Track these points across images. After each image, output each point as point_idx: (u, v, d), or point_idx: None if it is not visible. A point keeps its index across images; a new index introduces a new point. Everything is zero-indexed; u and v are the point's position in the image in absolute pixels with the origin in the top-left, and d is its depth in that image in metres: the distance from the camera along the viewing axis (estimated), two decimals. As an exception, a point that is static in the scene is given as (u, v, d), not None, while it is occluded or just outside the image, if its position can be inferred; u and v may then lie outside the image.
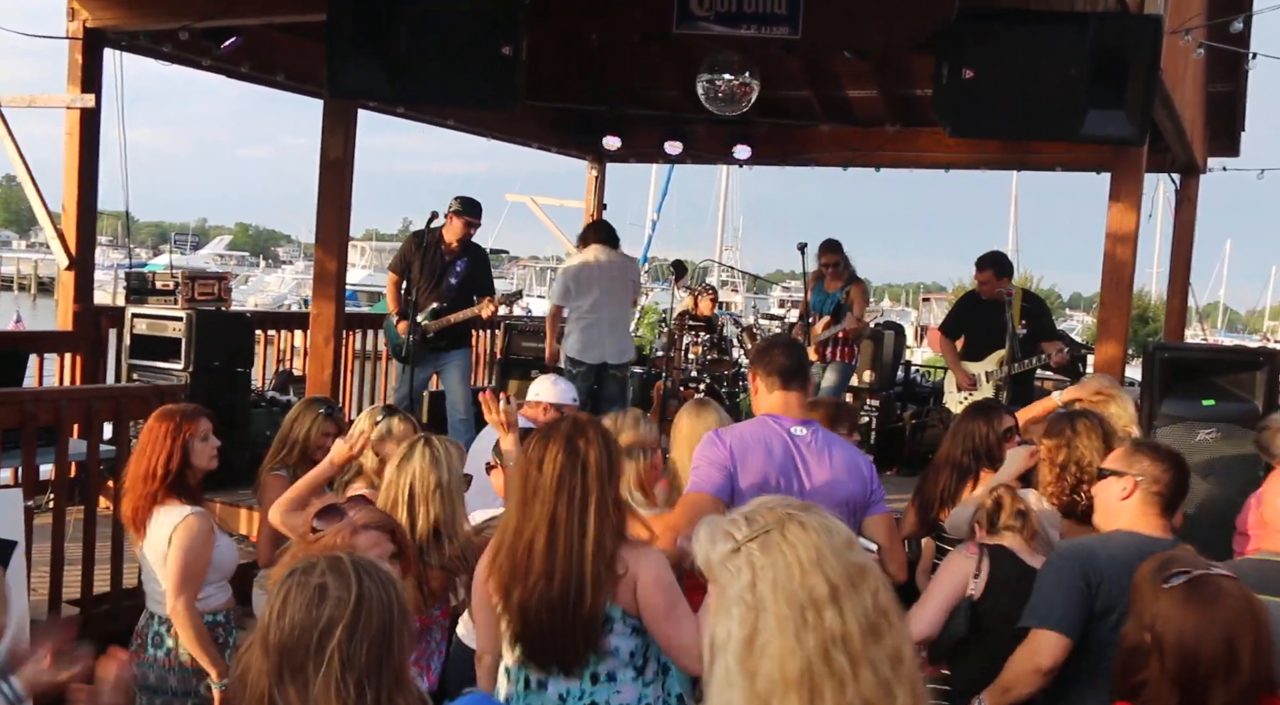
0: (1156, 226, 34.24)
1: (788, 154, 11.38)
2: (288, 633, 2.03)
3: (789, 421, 3.84)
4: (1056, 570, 3.23)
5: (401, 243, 8.41)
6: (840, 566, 1.73)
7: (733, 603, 1.74)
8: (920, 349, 28.17)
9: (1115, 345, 6.26)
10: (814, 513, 1.82)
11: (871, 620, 1.72)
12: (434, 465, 3.72)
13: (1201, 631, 2.42)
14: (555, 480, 2.89)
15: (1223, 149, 10.82)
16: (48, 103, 7.83)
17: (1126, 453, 3.37)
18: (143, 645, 4.05)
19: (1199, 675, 2.42)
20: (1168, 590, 2.49)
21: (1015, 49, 5.69)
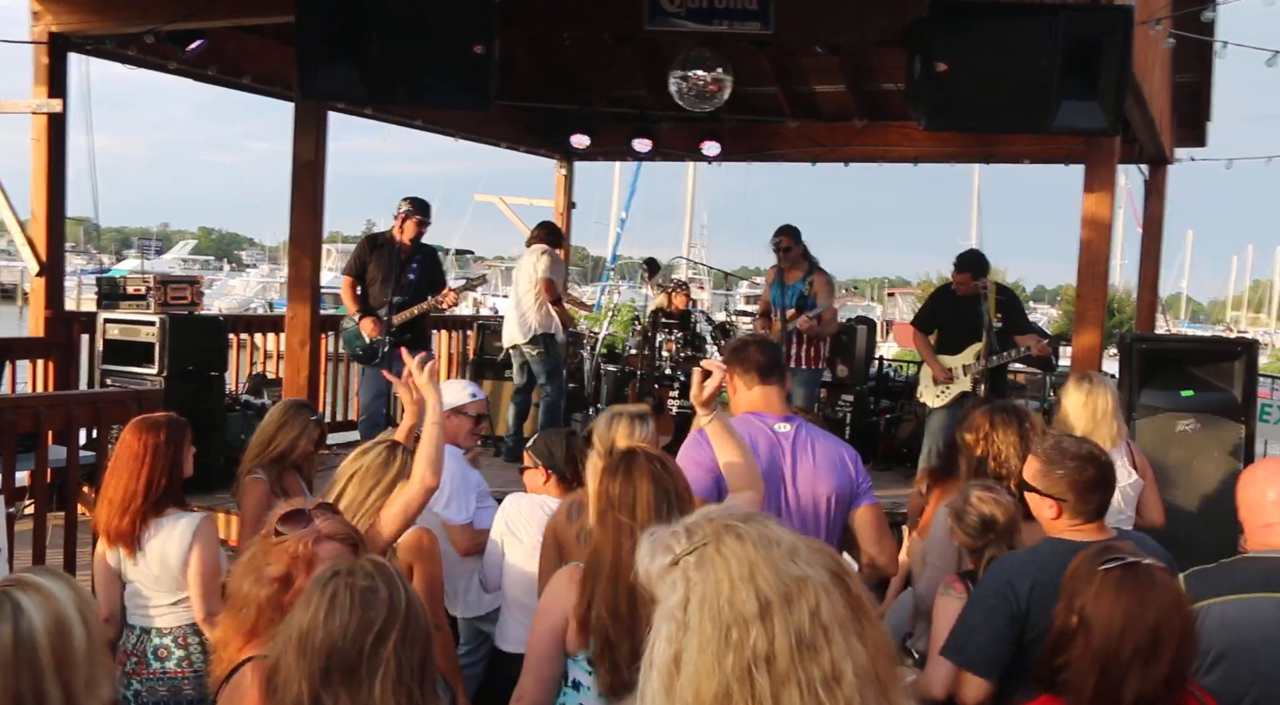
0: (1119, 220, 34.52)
1: (756, 150, 11.44)
2: (338, 635, 2.00)
3: (771, 418, 3.82)
4: (982, 607, 3.16)
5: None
6: (775, 580, 1.63)
7: (664, 620, 1.67)
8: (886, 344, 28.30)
9: (1093, 336, 6.32)
10: (755, 522, 1.73)
11: (806, 637, 1.61)
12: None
13: (1130, 616, 2.42)
14: (653, 520, 2.73)
15: (1190, 139, 10.95)
16: (14, 108, 7.75)
17: (1045, 469, 3.25)
18: (142, 662, 3.95)
19: (1121, 660, 2.41)
20: (1103, 573, 2.49)
21: (988, 41, 5.73)
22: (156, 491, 3.93)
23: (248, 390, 8.93)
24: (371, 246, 8.02)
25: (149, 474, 3.92)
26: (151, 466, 3.93)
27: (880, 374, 10.92)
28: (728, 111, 9.74)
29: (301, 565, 2.57)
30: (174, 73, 8.23)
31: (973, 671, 3.09)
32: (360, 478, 3.58)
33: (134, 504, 3.90)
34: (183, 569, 3.90)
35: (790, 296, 8.38)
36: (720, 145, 10.96)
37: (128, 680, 3.96)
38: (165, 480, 3.95)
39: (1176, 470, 6.22)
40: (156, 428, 4.01)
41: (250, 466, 4.72)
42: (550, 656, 3.00)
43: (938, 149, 10.56)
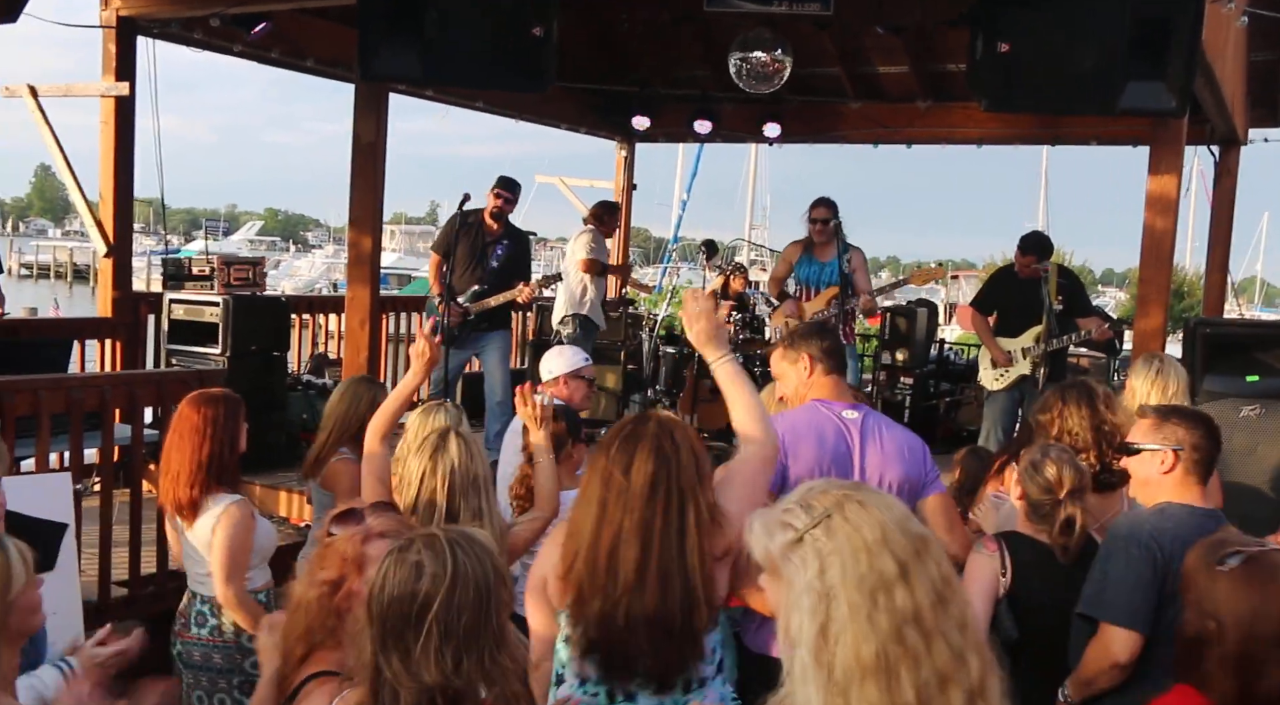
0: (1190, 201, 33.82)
1: (818, 132, 11.32)
2: (388, 606, 2.16)
3: (839, 406, 3.79)
4: (1124, 558, 3.14)
5: (434, 225, 8.51)
6: (905, 540, 1.71)
7: (802, 593, 1.71)
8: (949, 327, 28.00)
9: (1155, 319, 6.20)
10: (865, 490, 1.80)
11: (939, 590, 1.70)
12: (470, 458, 3.55)
13: (1258, 612, 2.37)
14: (647, 488, 2.69)
15: (1264, 119, 10.64)
16: (84, 92, 7.90)
17: (1156, 423, 3.30)
18: (186, 624, 4.13)
19: (1258, 656, 2.37)
20: (1226, 573, 2.43)
21: (1051, 21, 5.63)
22: (217, 464, 4.04)
23: (309, 370, 9.07)
24: (461, 224, 7.98)
25: (210, 446, 4.02)
26: (211, 439, 4.03)
27: (941, 357, 10.82)
28: (789, 92, 9.66)
29: (352, 566, 2.60)
30: (238, 56, 8.33)
31: (1120, 625, 3.07)
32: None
33: (197, 476, 4.01)
34: (209, 548, 4.00)
35: (828, 273, 8.07)
36: (781, 127, 10.87)
37: (175, 640, 4.14)
38: (224, 453, 4.06)
39: (1240, 456, 6.08)
40: (214, 402, 4.10)
41: (331, 447, 4.79)
42: (541, 612, 2.97)
43: (1002, 130, 10.39)
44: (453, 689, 2.14)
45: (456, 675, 2.14)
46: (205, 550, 4.04)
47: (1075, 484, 3.53)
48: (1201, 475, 3.24)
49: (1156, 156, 6.26)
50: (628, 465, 2.73)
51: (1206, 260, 11.04)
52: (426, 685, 2.13)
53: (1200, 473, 3.24)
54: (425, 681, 2.13)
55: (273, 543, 4.32)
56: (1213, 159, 10.35)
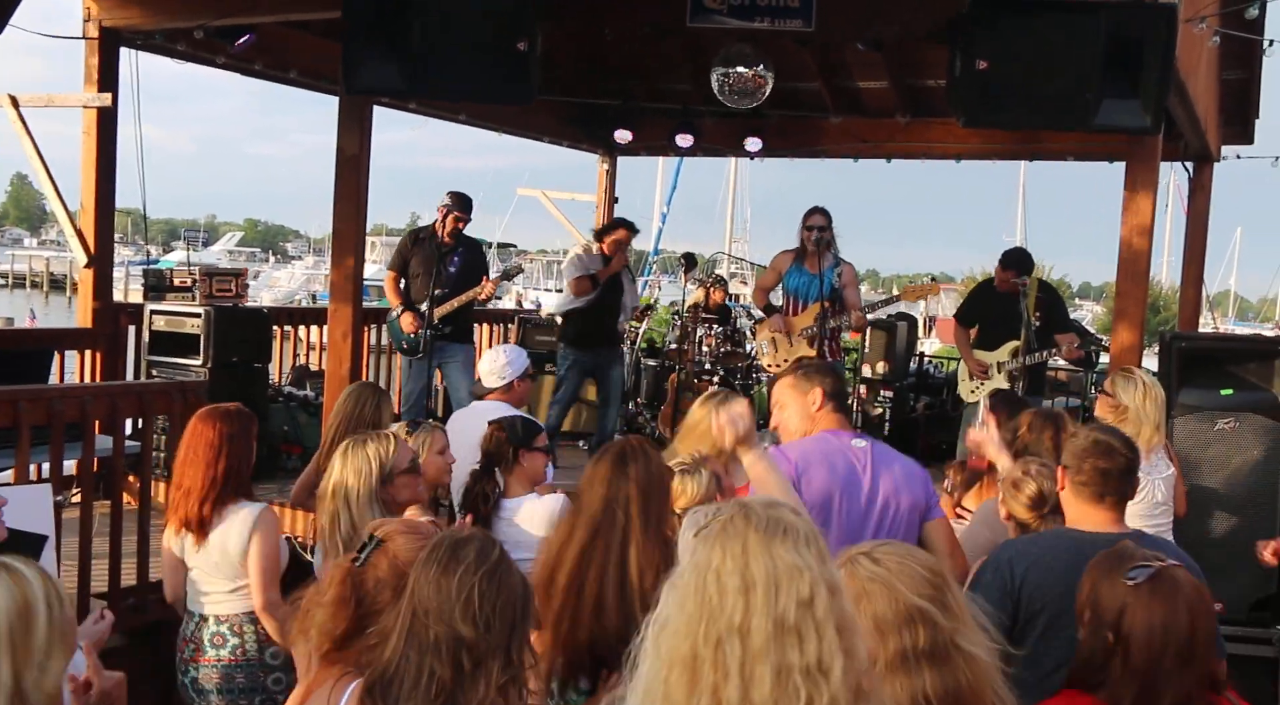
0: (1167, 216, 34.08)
1: (799, 146, 11.39)
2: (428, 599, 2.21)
3: (847, 436, 3.93)
4: (979, 581, 3.24)
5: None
6: (766, 562, 1.72)
7: (667, 582, 1.80)
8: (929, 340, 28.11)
9: (1132, 335, 6.25)
10: (776, 510, 1.81)
11: (790, 623, 1.68)
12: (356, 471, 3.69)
13: (1167, 625, 2.40)
14: (595, 518, 2.98)
15: (1236, 136, 10.77)
16: (65, 102, 7.88)
17: (1067, 440, 3.42)
18: (199, 649, 4.06)
19: (1163, 669, 2.40)
20: (1131, 587, 2.46)
21: (1029, 38, 5.68)
22: (234, 480, 4.03)
23: (290, 382, 9.06)
24: (413, 241, 8.19)
25: (226, 463, 4.00)
26: (228, 455, 4.02)
27: (920, 371, 10.89)
28: (770, 107, 9.72)
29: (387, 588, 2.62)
30: (222, 67, 8.32)
31: None
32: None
33: (211, 492, 3.98)
34: (242, 558, 3.98)
35: (816, 287, 7.79)
36: (762, 141, 10.93)
37: (185, 667, 4.06)
38: (240, 469, 4.06)
39: (1214, 468, 6.17)
40: (231, 418, 4.09)
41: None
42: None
43: (981, 145, 10.48)
44: (479, 647, 2.17)
45: (488, 634, 2.17)
46: (235, 560, 4.00)
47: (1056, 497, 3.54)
48: (1087, 498, 3.24)
49: (1132, 172, 6.31)
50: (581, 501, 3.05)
51: (1182, 274, 11.15)
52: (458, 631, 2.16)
53: (1085, 495, 3.24)
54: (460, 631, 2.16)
55: (287, 554, 4.32)
56: (1187, 175, 10.46)
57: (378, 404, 4.95)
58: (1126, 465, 3.27)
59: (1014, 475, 3.68)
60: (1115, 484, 3.24)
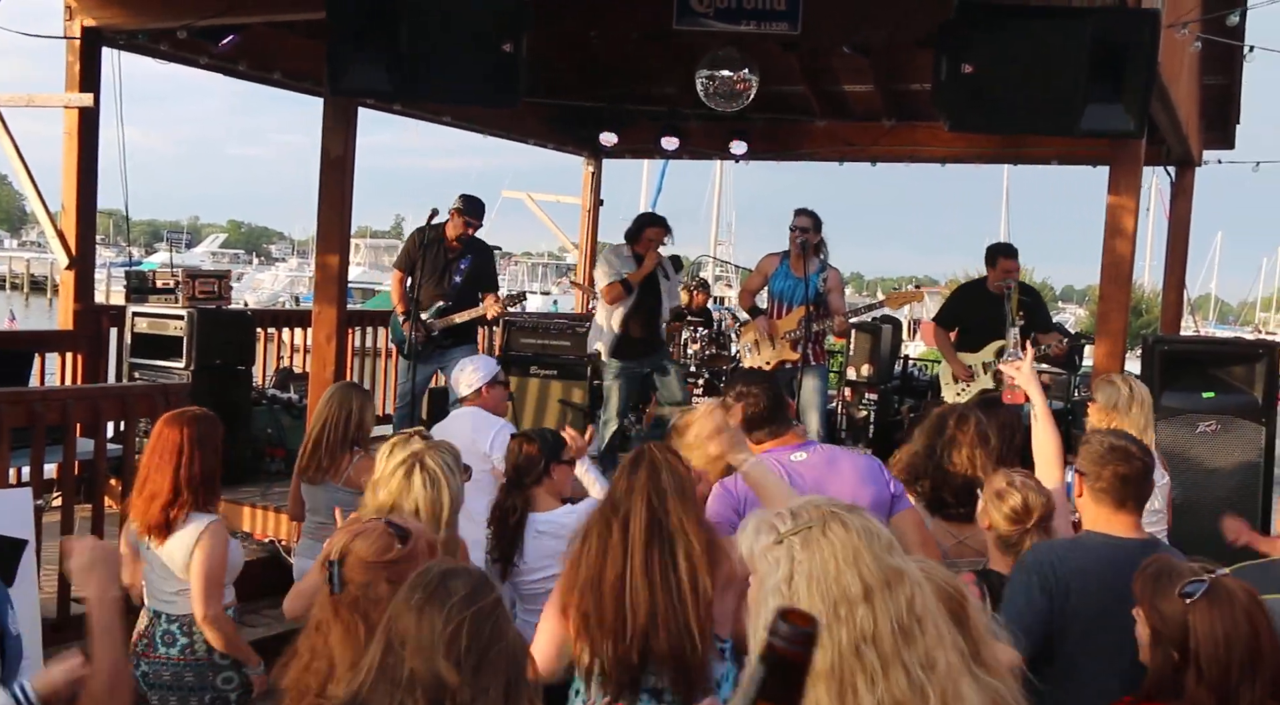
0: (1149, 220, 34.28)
1: (784, 149, 11.40)
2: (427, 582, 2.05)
3: (783, 451, 3.81)
4: (1018, 583, 3.23)
5: (400, 239, 8.47)
6: (876, 568, 1.76)
7: (769, 593, 1.78)
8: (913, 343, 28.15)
9: (1115, 339, 6.27)
10: (858, 514, 1.85)
11: (904, 623, 1.74)
12: (435, 488, 3.51)
13: (1230, 635, 2.45)
14: (644, 532, 2.93)
15: (1217, 141, 10.85)
16: (46, 102, 7.84)
17: (1082, 447, 3.38)
18: (150, 645, 4.07)
19: (1233, 678, 2.45)
20: (1190, 604, 2.51)
21: (1014, 43, 5.70)
22: (198, 484, 4.01)
23: (274, 384, 9.02)
24: (420, 242, 7.95)
25: (191, 467, 3.98)
26: (192, 460, 3.99)
27: (905, 373, 10.91)
28: (756, 110, 9.73)
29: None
30: (205, 68, 8.28)
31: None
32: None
33: (176, 497, 3.97)
34: (185, 567, 3.98)
35: (801, 291, 7.72)
36: (748, 144, 10.94)
37: (137, 660, 4.07)
38: (205, 474, 4.03)
39: (1196, 472, 6.20)
40: (196, 422, 4.07)
41: (330, 448, 4.89)
42: (552, 636, 3.15)
43: (965, 149, 10.51)
44: (463, 696, 1.95)
45: (475, 680, 1.95)
46: (179, 569, 4.00)
47: (1043, 512, 3.51)
48: (1109, 503, 3.25)
49: (1115, 176, 6.34)
50: (625, 509, 2.98)
51: (1164, 278, 11.21)
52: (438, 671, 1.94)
53: (1106, 501, 3.25)
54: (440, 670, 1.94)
55: (240, 561, 4.31)
56: (1169, 179, 10.53)
57: (360, 406, 4.98)
58: (1144, 469, 3.30)
59: (998, 485, 3.63)
60: (1135, 489, 3.27)
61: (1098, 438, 3.39)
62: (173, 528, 3.99)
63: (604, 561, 2.94)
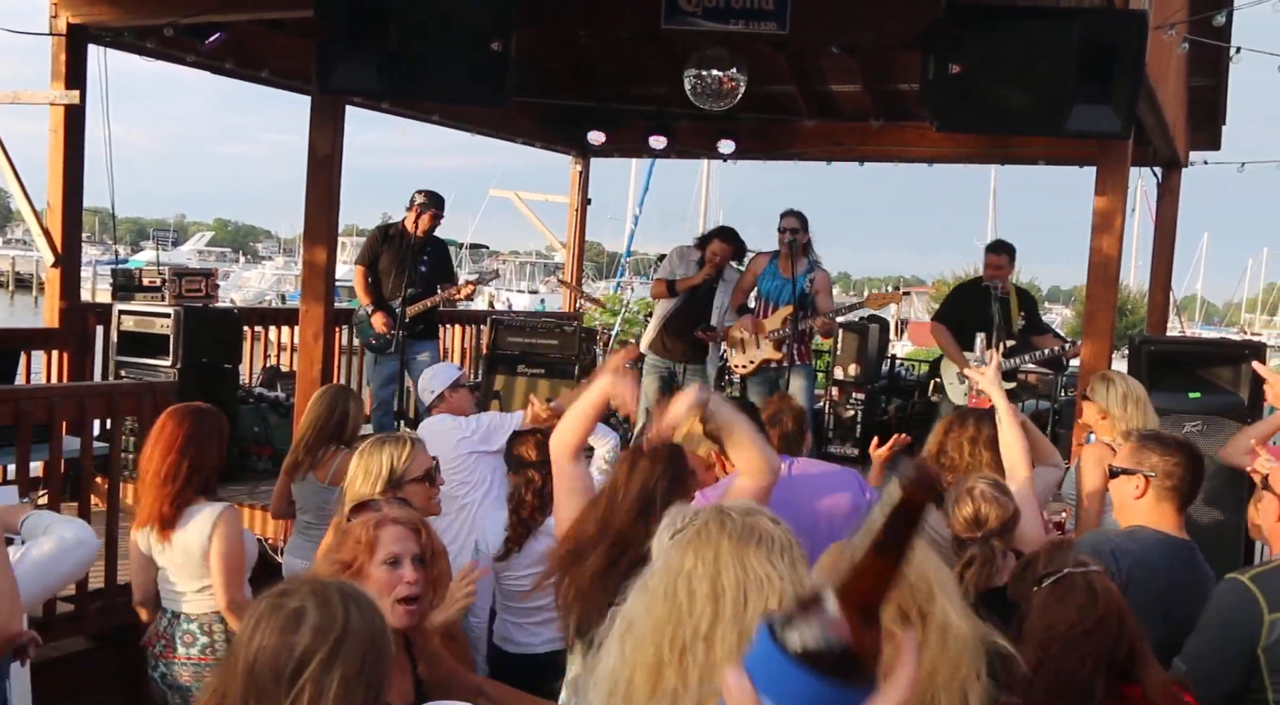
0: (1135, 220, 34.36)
1: (772, 148, 11.42)
2: (255, 658, 1.86)
3: None
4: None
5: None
6: (737, 571, 1.71)
7: (637, 582, 1.79)
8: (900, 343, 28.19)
9: (1102, 339, 6.30)
10: (752, 516, 1.80)
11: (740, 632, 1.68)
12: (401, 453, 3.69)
13: (1056, 625, 2.47)
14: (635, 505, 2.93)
15: (1204, 142, 10.90)
16: (31, 99, 7.80)
17: (1136, 447, 3.35)
18: (169, 646, 4.05)
19: (1065, 669, 2.46)
20: (1039, 589, 2.55)
21: (1002, 44, 5.72)
22: (199, 477, 4.01)
23: (261, 383, 8.99)
24: (383, 237, 8.22)
25: (192, 460, 3.98)
26: (195, 453, 3.99)
27: (892, 373, 10.94)
28: (744, 110, 9.75)
29: (364, 548, 2.65)
30: (192, 66, 8.26)
31: None
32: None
33: (177, 490, 3.96)
34: (204, 558, 3.96)
35: (788, 291, 7.75)
36: (736, 143, 10.95)
37: (156, 662, 4.06)
38: (206, 467, 4.04)
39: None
40: (199, 416, 4.07)
41: (314, 446, 4.96)
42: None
43: (953, 149, 10.53)
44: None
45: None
46: (196, 562, 3.98)
47: (997, 526, 3.42)
48: (1176, 503, 3.26)
49: (1102, 177, 6.37)
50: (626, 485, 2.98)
51: (1150, 278, 11.27)
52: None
53: (1175, 500, 3.26)
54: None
55: (255, 552, 4.31)
56: (1156, 180, 10.58)
57: (349, 407, 5.00)
58: (1202, 467, 3.33)
59: (959, 490, 3.63)
60: (1196, 491, 3.31)
61: (1159, 435, 3.40)
62: (174, 522, 3.98)
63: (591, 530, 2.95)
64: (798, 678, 0.90)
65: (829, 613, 0.92)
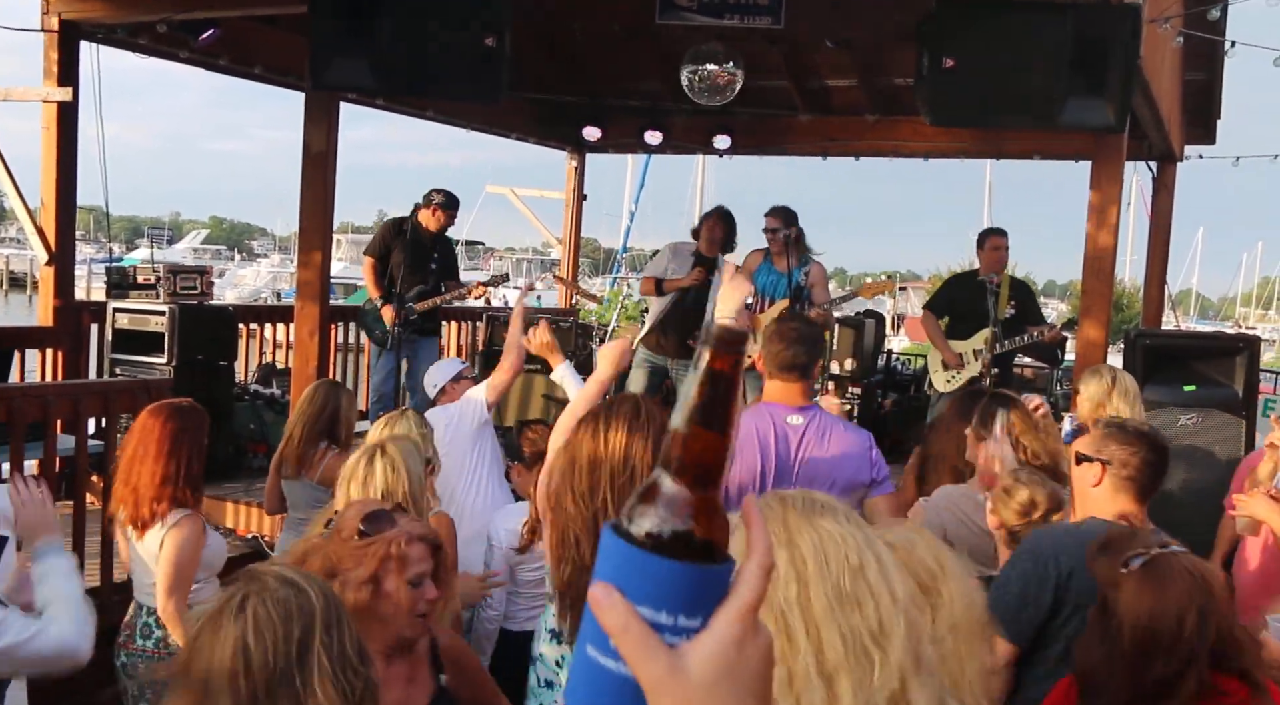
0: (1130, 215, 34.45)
1: (767, 143, 11.43)
2: (270, 653, 1.91)
3: (784, 410, 3.83)
4: (1018, 570, 3.19)
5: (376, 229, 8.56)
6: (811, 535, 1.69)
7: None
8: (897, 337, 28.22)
9: (1098, 331, 6.31)
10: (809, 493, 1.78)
11: (846, 590, 1.66)
12: (397, 474, 3.52)
13: (1155, 610, 2.45)
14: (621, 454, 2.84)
15: (1199, 137, 10.91)
16: (24, 96, 7.78)
17: (1099, 436, 3.31)
18: (131, 635, 4.10)
19: (1149, 653, 2.45)
20: (1125, 573, 2.52)
21: (996, 38, 5.72)
22: (181, 478, 3.99)
23: (256, 380, 8.98)
24: (396, 231, 8.22)
25: (176, 460, 3.96)
26: (178, 453, 3.98)
27: (888, 367, 10.94)
28: (739, 105, 9.73)
29: (394, 566, 2.59)
30: (186, 62, 8.23)
31: (1000, 634, 3.07)
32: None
33: (161, 490, 3.95)
34: (154, 560, 3.97)
35: (783, 285, 7.83)
36: (731, 138, 10.95)
37: (118, 650, 4.10)
38: (189, 467, 4.02)
39: (1177, 463, 6.24)
40: (181, 414, 4.06)
41: (306, 444, 4.98)
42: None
43: (948, 144, 10.53)
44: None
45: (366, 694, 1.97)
46: (153, 561, 4.00)
47: (1049, 505, 3.49)
48: (1133, 493, 3.21)
49: (1097, 171, 6.37)
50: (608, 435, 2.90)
51: (1145, 273, 11.27)
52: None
53: (1132, 490, 3.21)
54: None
55: (223, 556, 4.30)
56: (1151, 174, 10.57)
57: (340, 403, 5.00)
58: (1168, 458, 3.28)
59: (1005, 483, 3.63)
60: (1159, 478, 3.25)
61: (1123, 425, 3.35)
62: (153, 520, 3.98)
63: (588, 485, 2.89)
64: (657, 570, 0.86)
65: (667, 493, 0.88)
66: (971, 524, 4.06)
